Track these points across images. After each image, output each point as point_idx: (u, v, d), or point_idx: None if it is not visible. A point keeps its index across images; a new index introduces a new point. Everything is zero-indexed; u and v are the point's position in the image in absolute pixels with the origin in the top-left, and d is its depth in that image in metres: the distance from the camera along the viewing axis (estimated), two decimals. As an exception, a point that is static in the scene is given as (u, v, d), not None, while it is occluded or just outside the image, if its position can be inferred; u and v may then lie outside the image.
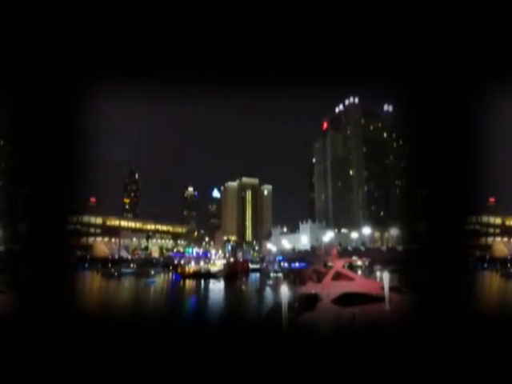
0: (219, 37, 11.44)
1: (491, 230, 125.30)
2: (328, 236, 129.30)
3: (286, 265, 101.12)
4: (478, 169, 11.11)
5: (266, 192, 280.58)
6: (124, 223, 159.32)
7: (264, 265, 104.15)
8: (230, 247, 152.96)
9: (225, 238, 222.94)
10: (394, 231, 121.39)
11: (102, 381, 9.84)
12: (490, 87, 10.80)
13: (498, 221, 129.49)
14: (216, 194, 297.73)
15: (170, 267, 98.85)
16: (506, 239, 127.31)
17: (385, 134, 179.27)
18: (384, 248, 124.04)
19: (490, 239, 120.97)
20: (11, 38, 10.28)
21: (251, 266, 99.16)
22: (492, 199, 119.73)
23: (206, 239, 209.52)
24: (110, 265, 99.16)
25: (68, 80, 10.74)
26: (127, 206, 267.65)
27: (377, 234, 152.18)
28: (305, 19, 11.74)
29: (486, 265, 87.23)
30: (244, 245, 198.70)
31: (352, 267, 57.34)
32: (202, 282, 70.22)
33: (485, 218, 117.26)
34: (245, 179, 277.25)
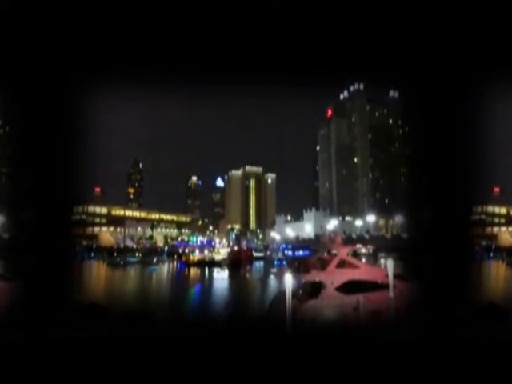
0: (222, 29, 11.16)
1: (496, 220, 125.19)
2: (332, 224, 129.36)
3: (289, 253, 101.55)
4: (483, 158, 10.82)
5: (269, 180, 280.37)
6: (129, 213, 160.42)
7: (268, 253, 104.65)
8: (233, 236, 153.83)
9: (229, 226, 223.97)
10: (398, 219, 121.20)
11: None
12: (498, 74, 10.44)
13: (503, 210, 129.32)
14: (220, 182, 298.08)
15: (175, 256, 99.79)
16: (511, 229, 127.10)
17: (390, 121, 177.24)
18: (388, 236, 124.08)
19: (495, 229, 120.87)
20: (13, 35, 10.13)
21: (255, 254, 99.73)
22: (497, 189, 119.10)
23: (210, 228, 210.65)
24: (115, 254, 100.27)
25: (72, 71, 10.57)
26: (132, 196, 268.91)
27: (381, 222, 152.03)
28: (307, 9, 11.40)
29: (491, 254, 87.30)
30: (248, 233, 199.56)
31: (356, 255, 57.48)
32: (207, 270, 70.82)
33: (490, 208, 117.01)
34: (248, 168, 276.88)
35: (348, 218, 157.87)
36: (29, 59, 10.42)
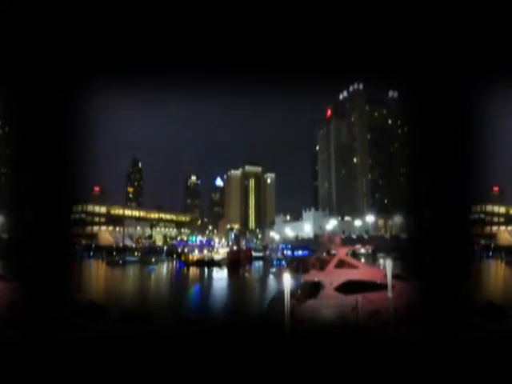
0: (222, 29, 11.18)
1: (495, 219, 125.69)
2: (331, 224, 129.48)
3: (289, 253, 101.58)
4: (482, 158, 10.85)
5: (269, 180, 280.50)
6: (128, 212, 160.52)
7: (267, 253, 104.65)
8: (233, 235, 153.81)
9: (228, 226, 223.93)
10: (397, 219, 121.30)
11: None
12: (498, 73, 10.46)
13: (503, 210, 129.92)
14: (219, 182, 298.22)
15: (174, 255, 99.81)
16: (510, 228, 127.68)
17: (390, 121, 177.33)
18: (387, 236, 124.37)
19: (494, 228, 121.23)
20: (12, 34, 10.15)
21: (254, 254, 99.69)
22: (496, 188, 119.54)
23: (210, 227, 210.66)
24: (114, 253, 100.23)
25: (72, 70, 10.59)
26: (131, 195, 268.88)
27: (380, 222, 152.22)
28: (307, 8, 11.42)
29: (490, 253, 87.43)
30: (247, 233, 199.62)
31: (355, 255, 57.49)
32: (206, 269, 70.83)
33: (489, 207, 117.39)
34: (248, 167, 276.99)
35: (347, 218, 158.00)
36: (28, 59, 10.43)
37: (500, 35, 10.09)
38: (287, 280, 13.66)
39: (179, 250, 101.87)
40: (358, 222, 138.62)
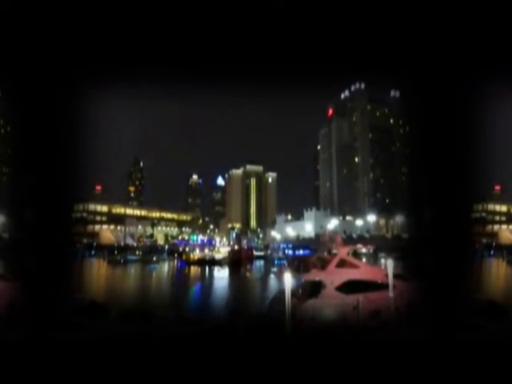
0: (223, 29, 11.18)
1: (497, 218, 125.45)
2: (333, 223, 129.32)
3: (290, 252, 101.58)
4: (484, 157, 10.83)
5: (270, 179, 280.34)
6: (129, 211, 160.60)
7: (268, 252, 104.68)
8: (234, 235, 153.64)
9: (229, 225, 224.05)
10: (399, 218, 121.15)
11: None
12: (499, 73, 10.42)
13: (504, 208, 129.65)
14: (220, 181, 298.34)
15: (175, 254, 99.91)
16: (511, 227, 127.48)
17: (391, 121, 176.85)
18: (389, 235, 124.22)
19: (495, 227, 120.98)
20: (12, 34, 10.18)
21: (255, 253, 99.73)
22: (497, 187, 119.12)
23: (211, 227, 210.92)
24: (116, 252, 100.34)
25: (72, 70, 10.60)
26: (132, 194, 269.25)
27: (382, 222, 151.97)
28: (307, 8, 11.41)
29: (492, 252, 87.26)
30: (248, 232, 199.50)
31: (356, 254, 57.45)
32: (207, 268, 70.90)
33: (491, 206, 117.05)
34: (249, 167, 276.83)
35: (348, 218, 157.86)
36: (28, 59, 10.44)
37: (500, 35, 10.05)
38: (288, 279, 13.67)
39: (180, 249, 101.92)
40: (359, 222, 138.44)
